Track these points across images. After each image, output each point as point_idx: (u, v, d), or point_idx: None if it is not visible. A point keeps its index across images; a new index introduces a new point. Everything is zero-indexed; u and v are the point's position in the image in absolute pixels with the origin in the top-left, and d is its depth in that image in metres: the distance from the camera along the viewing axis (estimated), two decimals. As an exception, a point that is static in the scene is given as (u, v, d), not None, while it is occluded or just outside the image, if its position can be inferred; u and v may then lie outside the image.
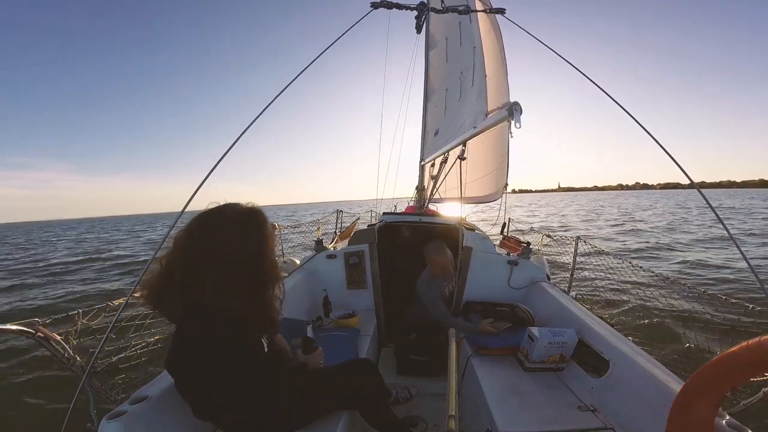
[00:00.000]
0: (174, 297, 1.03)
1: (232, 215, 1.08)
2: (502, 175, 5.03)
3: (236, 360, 1.11)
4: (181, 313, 1.05)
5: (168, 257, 1.06)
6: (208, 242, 1.03)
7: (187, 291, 1.02)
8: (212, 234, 1.04)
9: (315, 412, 1.39)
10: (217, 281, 1.01)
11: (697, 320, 2.70)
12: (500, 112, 1.60)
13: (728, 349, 0.98)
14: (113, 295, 6.62)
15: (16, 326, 1.07)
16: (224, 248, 1.03)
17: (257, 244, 1.10)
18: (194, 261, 1.02)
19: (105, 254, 14.20)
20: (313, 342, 1.49)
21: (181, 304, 1.03)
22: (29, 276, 10.17)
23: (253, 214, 1.12)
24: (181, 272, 1.02)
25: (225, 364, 1.09)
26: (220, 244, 1.03)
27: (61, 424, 1.09)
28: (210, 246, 1.03)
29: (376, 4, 2.98)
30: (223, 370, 1.09)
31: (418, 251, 2.56)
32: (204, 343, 1.06)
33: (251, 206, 1.14)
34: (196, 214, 1.10)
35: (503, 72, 4.71)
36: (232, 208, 1.10)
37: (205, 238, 1.04)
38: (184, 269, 1.02)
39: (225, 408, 1.17)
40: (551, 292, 2.40)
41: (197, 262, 1.02)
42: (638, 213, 24.93)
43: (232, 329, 1.08)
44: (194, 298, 1.02)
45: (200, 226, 1.06)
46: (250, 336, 1.19)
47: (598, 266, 3.42)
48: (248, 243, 1.08)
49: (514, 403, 1.59)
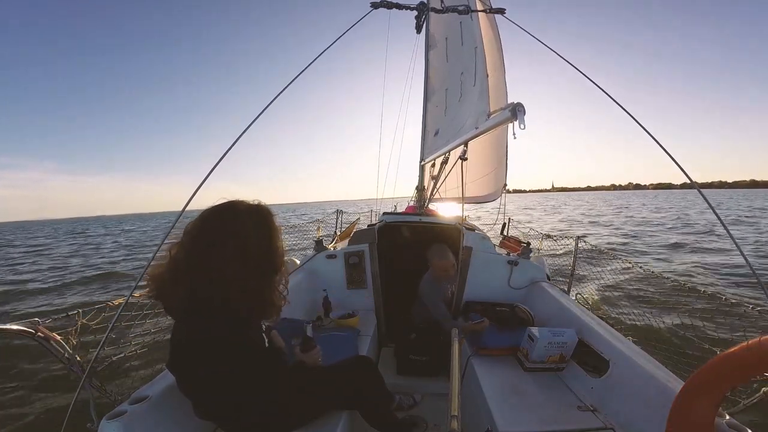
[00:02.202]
0: (178, 288, 1.05)
1: (245, 208, 1.13)
2: (501, 175, 5.04)
3: (235, 360, 1.11)
4: (185, 305, 1.06)
5: (177, 247, 1.08)
6: (224, 233, 1.06)
7: (194, 283, 1.03)
8: (227, 225, 1.08)
9: (315, 410, 1.39)
10: (230, 271, 1.03)
11: (697, 320, 2.71)
12: (503, 113, 1.60)
13: (728, 349, 0.98)
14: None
15: (16, 326, 1.07)
16: (240, 240, 1.07)
17: (269, 235, 1.16)
18: (207, 252, 1.04)
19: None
20: (312, 341, 1.49)
21: (186, 297, 1.04)
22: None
23: (261, 207, 1.18)
24: (189, 263, 1.04)
25: (224, 365, 1.09)
26: (236, 236, 1.07)
27: (61, 424, 1.09)
28: (225, 237, 1.06)
29: (376, 4, 2.98)
30: (222, 370, 1.09)
31: (418, 251, 2.56)
32: (203, 344, 1.06)
33: (257, 202, 1.20)
34: (193, 214, 1.12)
35: (502, 72, 4.72)
36: (242, 202, 1.16)
37: (220, 229, 1.07)
38: (194, 260, 1.04)
39: (227, 407, 1.17)
40: (551, 292, 2.40)
41: (211, 253, 1.04)
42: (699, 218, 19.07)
43: (232, 329, 1.08)
44: (198, 293, 1.03)
45: (215, 219, 1.09)
46: (251, 333, 1.19)
47: (598, 266, 3.42)
48: (261, 234, 1.13)
49: (514, 403, 1.59)
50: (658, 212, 25.18)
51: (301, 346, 1.46)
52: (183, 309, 1.08)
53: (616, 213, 26.36)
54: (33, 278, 9.70)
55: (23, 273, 10.91)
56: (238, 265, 1.05)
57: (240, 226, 1.09)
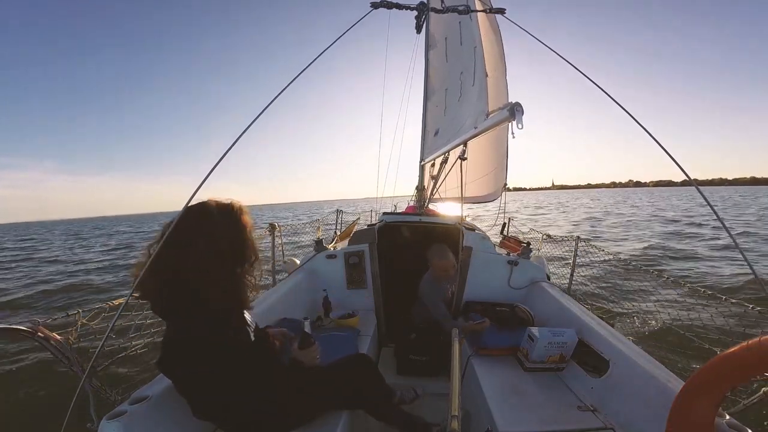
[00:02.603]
0: (158, 288, 1.09)
1: (215, 207, 1.18)
2: (501, 174, 5.03)
3: (216, 359, 1.12)
4: (164, 304, 1.11)
5: (156, 247, 1.10)
6: (195, 233, 1.11)
7: (170, 283, 1.07)
8: (200, 225, 1.12)
9: (313, 410, 1.39)
10: (203, 270, 1.08)
11: (697, 320, 2.70)
12: (501, 112, 1.60)
13: (728, 349, 0.98)
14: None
15: (16, 326, 1.07)
16: (212, 238, 1.11)
17: (240, 231, 1.18)
18: (181, 252, 1.08)
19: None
20: (310, 337, 1.46)
21: (165, 297, 1.09)
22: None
23: (232, 205, 1.21)
24: (166, 263, 1.07)
25: (203, 364, 1.11)
26: (207, 235, 1.11)
27: (61, 424, 1.09)
28: (197, 236, 1.10)
29: (376, 4, 2.98)
30: (201, 370, 1.11)
31: (418, 251, 2.56)
32: (182, 344, 1.10)
33: (230, 200, 1.24)
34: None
35: (502, 72, 4.72)
36: (214, 200, 1.20)
37: (192, 229, 1.11)
38: (170, 260, 1.07)
39: (219, 407, 1.18)
40: (551, 292, 2.40)
41: (185, 253, 1.08)
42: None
43: (212, 329, 1.10)
44: (175, 292, 1.07)
45: (186, 219, 1.12)
46: (234, 332, 1.20)
47: (598, 266, 3.41)
48: (232, 231, 1.17)
49: (514, 403, 1.59)
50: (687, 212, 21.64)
51: (299, 343, 1.44)
52: (163, 308, 1.12)
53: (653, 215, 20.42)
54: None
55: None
56: (210, 264, 1.09)
57: (211, 225, 1.13)
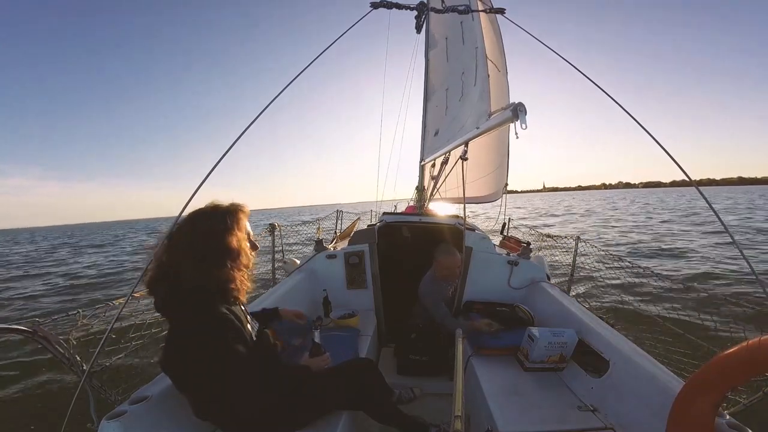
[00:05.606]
0: (160, 281, 1.16)
1: (209, 208, 1.27)
2: (502, 175, 5.03)
3: (218, 359, 1.13)
4: (162, 302, 1.16)
5: (161, 245, 1.21)
6: (188, 227, 1.21)
7: (175, 276, 1.13)
8: (193, 222, 1.22)
9: (315, 412, 1.39)
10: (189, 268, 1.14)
11: (697, 319, 2.71)
12: (505, 112, 1.59)
13: (728, 349, 0.98)
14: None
15: (16, 326, 1.07)
16: (197, 232, 1.19)
17: (224, 229, 1.24)
18: (175, 253, 1.17)
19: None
20: (320, 347, 1.50)
21: (163, 295, 1.15)
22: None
23: (225, 207, 1.28)
24: (168, 261, 1.16)
25: (205, 364, 1.12)
26: (195, 230, 1.20)
27: (61, 424, 1.09)
28: (189, 231, 1.20)
29: (376, 4, 2.98)
30: (202, 369, 1.12)
31: (418, 251, 2.56)
32: (184, 344, 1.13)
33: (230, 204, 1.30)
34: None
35: (503, 72, 4.72)
36: (212, 203, 1.28)
37: (186, 225, 1.22)
38: (169, 257, 1.16)
39: (222, 407, 1.18)
40: (551, 292, 2.40)
41: (174, 254, 1.17)
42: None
43: (213, 329, 1.14)
44: (176, 290, 1.14)
45: (187, 218, 1.24)
46: (234, 331, 1.20)
47: (598, 266, 3.42)
48: (219, 233, 1.22)
49: (514, 403, 1.59)
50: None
51: (310, 352, 1.48)
52: (164, 305, 1.17)
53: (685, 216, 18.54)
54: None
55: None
56: (202, 261, 1.15)
57: (201, 225, 1.20)
